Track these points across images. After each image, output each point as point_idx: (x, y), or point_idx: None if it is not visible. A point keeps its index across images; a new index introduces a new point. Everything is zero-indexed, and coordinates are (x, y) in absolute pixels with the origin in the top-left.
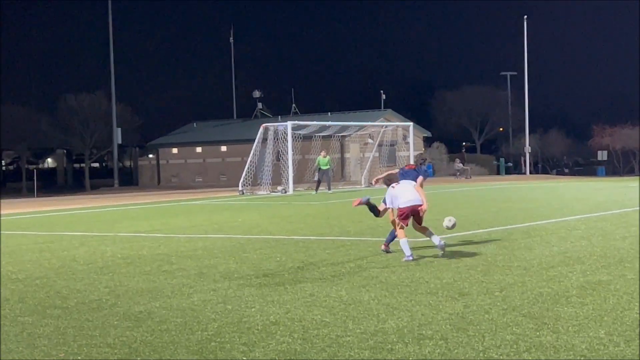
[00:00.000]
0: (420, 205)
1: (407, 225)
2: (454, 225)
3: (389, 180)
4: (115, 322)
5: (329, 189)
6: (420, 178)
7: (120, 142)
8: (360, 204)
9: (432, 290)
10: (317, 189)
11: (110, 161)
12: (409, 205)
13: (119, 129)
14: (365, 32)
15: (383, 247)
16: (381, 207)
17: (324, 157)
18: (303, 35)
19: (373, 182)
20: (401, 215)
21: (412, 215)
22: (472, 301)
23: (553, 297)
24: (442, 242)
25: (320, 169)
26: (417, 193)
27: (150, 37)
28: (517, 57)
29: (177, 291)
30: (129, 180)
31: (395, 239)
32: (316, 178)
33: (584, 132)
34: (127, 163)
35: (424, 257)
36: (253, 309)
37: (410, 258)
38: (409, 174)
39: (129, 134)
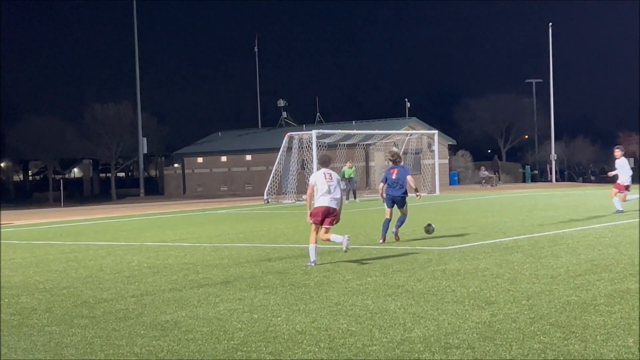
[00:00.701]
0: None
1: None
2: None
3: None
4: (142, 332)
5: (355, 197)
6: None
7: (145, 151)
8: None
9: (459, 299)
10: (353, 197)
11: (136, 171)
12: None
13: (145, 139)
14: (390, 41)
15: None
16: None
17: (350, 167)
18: (327, 44)
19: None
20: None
21: (325, 217)
22: (499, 310)
23: (581, 305)
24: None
25: (344, 178)
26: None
27: (176, 47)
28: (542, 64)
29: (203, 300)
30: (155, 190)
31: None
32: (343, 187)
33: (611, 139)
34: (153, 172)
35: (449, 266)
36: (279, 318)
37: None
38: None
39: (154, 143)
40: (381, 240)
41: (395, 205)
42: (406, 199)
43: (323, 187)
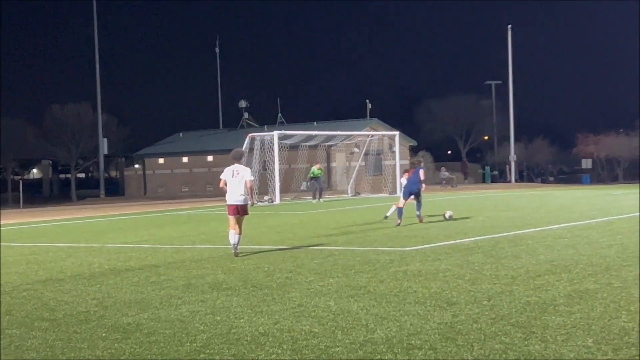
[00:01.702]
0: (240, 205)
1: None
2: (450, 217)
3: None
4: (104, 335)
5: (320, 197)
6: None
7: (106, 152)
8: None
9: (421, 300)
10: (319, 197)
11: (96, 172)
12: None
13: (105, 139)
14: (352, 42)
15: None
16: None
17: (319, 168)
18: (289, 45)
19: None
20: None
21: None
22: (461, 310)
23: (541, 305)
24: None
25: (311, 178)
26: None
27: (136, 47)
28: (501, 66)
29: (165, 302)
30: (115, 191)
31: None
32: (303, 187)
33: (569, 140)
34: (113, 173)
35: (411, 267)
36: (242, 320)
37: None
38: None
39: (115, 144)
40: (399, 222)
41: (413, 196)
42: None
43: (230, 184)
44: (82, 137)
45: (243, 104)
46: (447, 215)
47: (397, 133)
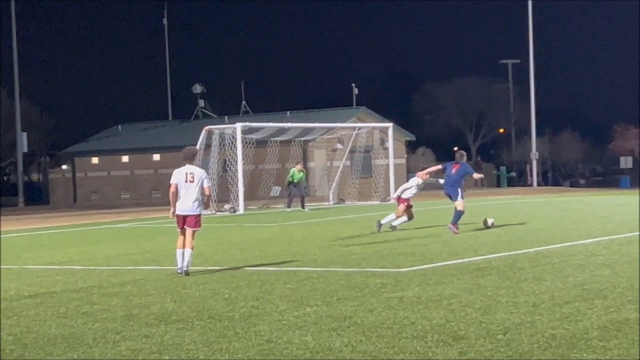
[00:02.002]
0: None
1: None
2: (492, 224)
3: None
4: None
5: (303, 206)
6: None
7: (26, 150)
8: None
9: (420, 334)
10: (302, 206)
11: (13, 174)
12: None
13: (24, 134)
14: (332, 12)
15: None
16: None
17: (300, 170)
18: (255, 16)
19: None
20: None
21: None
22: (470, 347)
23: (569, 340)
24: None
25: (291, 182)
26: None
27: (64, 17)
28: (520, 42)
29: (100, 338)
30: (38, 198)
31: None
32: (274, 193)
33: (604, 133)
34: (35, 176)
35: (408, 293)
36: None
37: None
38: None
39: (37, 139)
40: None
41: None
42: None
43: (183, 190)
44: None
45: (198, 89)
46: (489, 223)
47: (390, 125)
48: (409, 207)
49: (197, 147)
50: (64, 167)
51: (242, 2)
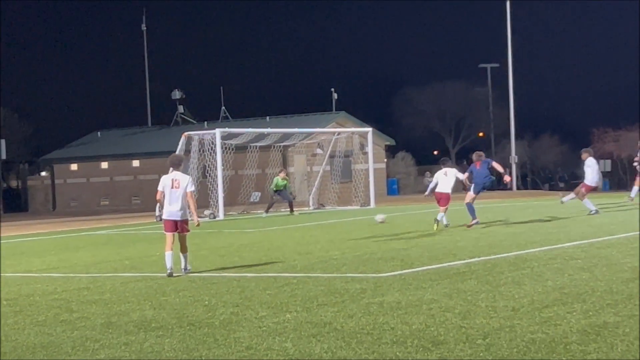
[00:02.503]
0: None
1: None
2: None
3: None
4: None
5: (292, 211)
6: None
7: (4, 157)
8: None
9: (400, 339)
10: (290, 210)
11: None
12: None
13: (3, 141)
14: (311, 16)
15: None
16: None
17: (284, 178)
18: (234, 21)
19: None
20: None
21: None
22: (450, 352)
23: (548, 344)
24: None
25: (275, 191)
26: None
27: (42, 21)
28: (499, 46)
29: (79, 346)
30: (17, 205)
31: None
32: (254, 199)
33: (582, 137)
34: (14, 183)
35: (387, 298)
36: None
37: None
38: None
39: (15, 146)
40: (477, 220)
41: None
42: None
43: (168, 196)
44: None
45: (177, 94)
46: (378, 220)
47: (369, 130)
48: (448, 199)
49: (177, 152)
50: (43, 173)
51: (221, 8)
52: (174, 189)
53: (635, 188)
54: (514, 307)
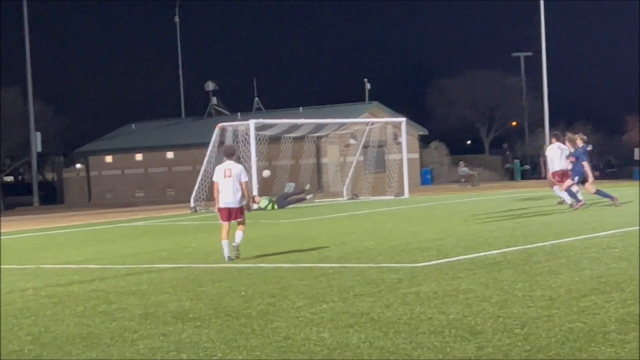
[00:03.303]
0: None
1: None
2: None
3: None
4: None
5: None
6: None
7: (40, 149)
8: None
9: (437, 329)
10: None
11: (27, 174)
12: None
13: (39, 134)
14: (344, 6)
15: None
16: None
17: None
18: (267, 12)
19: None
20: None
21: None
22: (487, 342)
23: (587, 333)
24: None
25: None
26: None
27: (76, 16)
28: (532, 35)
29: (117, 337)
30: (53, 198)
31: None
32: (288, 189)
33: (617, 125)
34: (50, 176)
35: (424, 288)
36: (214, 358)
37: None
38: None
39: (50, 139)
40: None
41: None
42: None
43: (223, 185)
44: (9, 131)
45: (210, 86)
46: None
47: (403, 120)
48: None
49: (210, 145)
50: (78, 166)
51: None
52: (228, 178)
53: None
54: (551, 297)
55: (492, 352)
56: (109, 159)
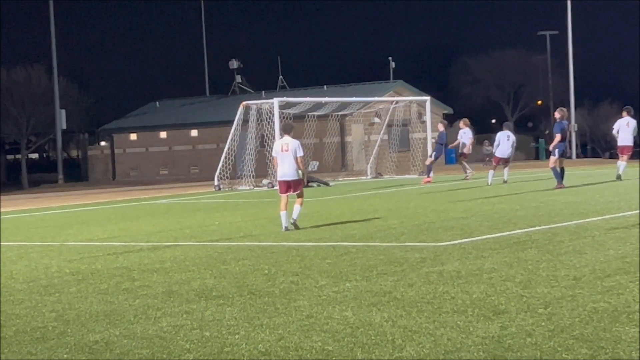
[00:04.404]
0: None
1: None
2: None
3: None
4: (65, 356)
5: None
6: None
7: (64, 127)
8: None
9: (460, 309)
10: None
11: (52, 151)
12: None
13: (63, 111)
14: None
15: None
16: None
17: None
18: None
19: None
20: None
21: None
22: (511, 321)
23: (611, 313)
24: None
25: None
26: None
27: None
28: (558, 13)
29: (141, 315)
30: (77, 175)
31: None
32: (312, 167)
33: None
34: (74, 153)
35: (447, 267)
36: (237, 336)
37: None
38: None
39: (75, 116)
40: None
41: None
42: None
43: (280, 159)
44: (34, 108)
45: (234, 64)
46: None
47: (427, 98)
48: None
49: (235, 122)
50: (103, 143)
51: None
52: (285, 152)
53: None
54: (575, 276)
55: (515, 332)
56: (133, 136)
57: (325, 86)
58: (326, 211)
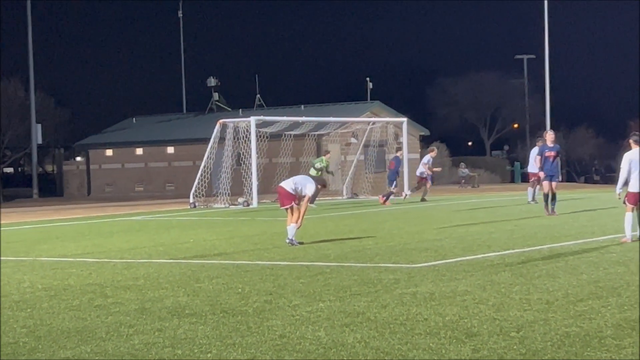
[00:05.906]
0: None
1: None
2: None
3: None
4: None
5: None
6: None
7: (40, 141)
8: None
9: (433, 331)
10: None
11: (27, 166)
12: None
13: (39, 125)
14: (347, 6)
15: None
16: None
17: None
18: (269, 9)
19: None
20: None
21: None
22: (483, 344)
23: (583, 338)
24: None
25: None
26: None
27: (79, 8)
28: (535, 37)
29: (113, 332)
30: (52, 190)
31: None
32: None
33: (619, 129)
34: (50, 168)
35: (421, 289)
36: (209, 355)
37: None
38: None
39: (51, 131)
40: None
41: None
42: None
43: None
44: (9, 122)
45: (212, 82)
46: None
47: (404, 119)
48: None
49: (211, 141)
50: (79, 159)
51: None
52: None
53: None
54: (548, 300)
55: (487, 355)
56: (109, 152)
57: (302, 105)
58: (301, 230)
